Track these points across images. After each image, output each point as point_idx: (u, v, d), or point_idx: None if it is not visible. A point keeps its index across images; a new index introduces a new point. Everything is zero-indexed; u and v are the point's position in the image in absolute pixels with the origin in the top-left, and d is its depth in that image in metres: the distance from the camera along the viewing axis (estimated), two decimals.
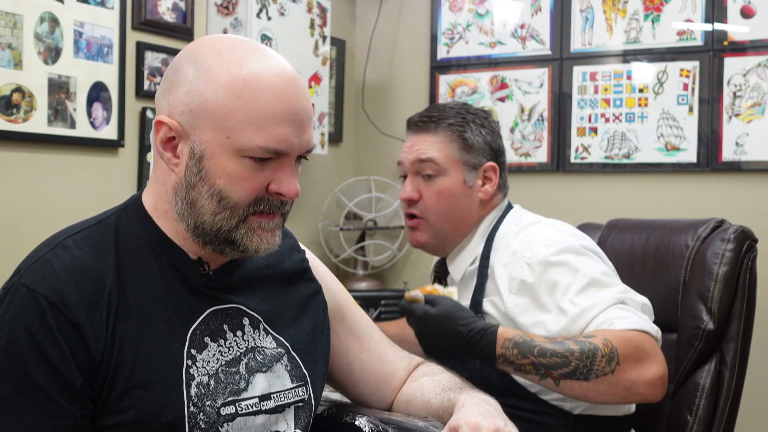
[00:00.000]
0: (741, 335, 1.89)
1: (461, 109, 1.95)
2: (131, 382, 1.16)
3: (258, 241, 1.22)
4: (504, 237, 1.87)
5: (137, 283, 1.20)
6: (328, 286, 1.47)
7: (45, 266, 1.16)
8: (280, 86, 1.18)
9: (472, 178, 1.90)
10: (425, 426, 1.35)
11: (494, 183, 1.91)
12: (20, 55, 2.22)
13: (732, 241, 1.90)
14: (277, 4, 2.86)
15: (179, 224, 1.24)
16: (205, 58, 1.20)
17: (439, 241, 1.93)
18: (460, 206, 1.90)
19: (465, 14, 3.32)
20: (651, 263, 2.01)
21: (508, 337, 1.66)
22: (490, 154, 1.92)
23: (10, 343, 1.12)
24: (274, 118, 1.17)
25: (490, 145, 1.92)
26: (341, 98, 3.48)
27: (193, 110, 1.18)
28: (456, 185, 1.89)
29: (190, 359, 1.20)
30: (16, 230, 2.22)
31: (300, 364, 1.33)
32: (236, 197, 1.19)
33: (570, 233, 1.85)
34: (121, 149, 2.52)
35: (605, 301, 1.69)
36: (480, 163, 1.90)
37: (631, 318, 1.66)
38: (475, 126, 1.92)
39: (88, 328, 1.14)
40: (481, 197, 1.91)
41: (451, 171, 1.89)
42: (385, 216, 3.36)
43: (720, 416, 1.84)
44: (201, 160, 1.19)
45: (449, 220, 1.90)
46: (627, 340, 1.62)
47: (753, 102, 2.81)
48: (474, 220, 1.92)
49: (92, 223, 1.25)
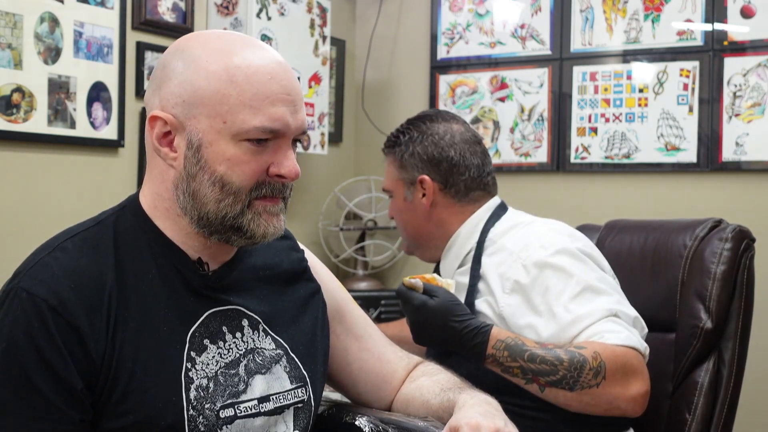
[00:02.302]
0: (739, 334, 1.89)
1: (404, 126, 2.03)
2: (131, 385, 1.15)
3: (265, 226, 1.22)
4: (496, 239, 1.87)
5: (137, 284, 1.20)
6: (327, 285, 1.46)
7: (44, 269, 1.16)
8: (270, 68, 1.19)
9: (411, 193, 1.98)
10: (425, 426, 1.35)
11: (429, 194, 1.96)
12: (20, 55, 2.22)
13: (730, 241, 1.91)
14: (277, 4, 2.86)
15: (182, 221, 1.23)
16: (193, 50, 1.21)
17: (418, 251, 2.06)
18: (410, 222, 2.00)
19: (465, 14, 3.32)
20: (649, 263, 2.01)
21: (500, 339, 1.67)
22: (423, 166, 1.96)
23: (10, 347, 1.12)
24: (269, 98, 1.18)
25: (421, 157, 1.96)
26: (341, 98, 3.48)
27: (187, 100, 1.18)
28: (399, 203, 2.01)
29: (189, 362, 1.20)
30: (16, 230, 2.22)
31: (299, 365, 1.32)
32: (238, 182, 1.19)
33: (566, 234, 1.85)
34: (121, 149, 2.52)
35: (598, 311, 1.69)
36: (414, 178, 1.97)
37: (621, 333, 1.67)
38: (409, 142, 1.98)
39: (89, 332, 1.14)
40: (425, 207, 1.97)
41: (395, 191, 2.02)
42: (385, 216, 3.36)
43: (718, 415, 1.85)
44: (199, 149, 1.18)
45: (409, 234, 2.03)
46: (616, 355, 1.64)
47: (753, 102, 2.81)
48: (432, 228, 1.98)
49: (90, 225, 1.24)
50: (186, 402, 1.18)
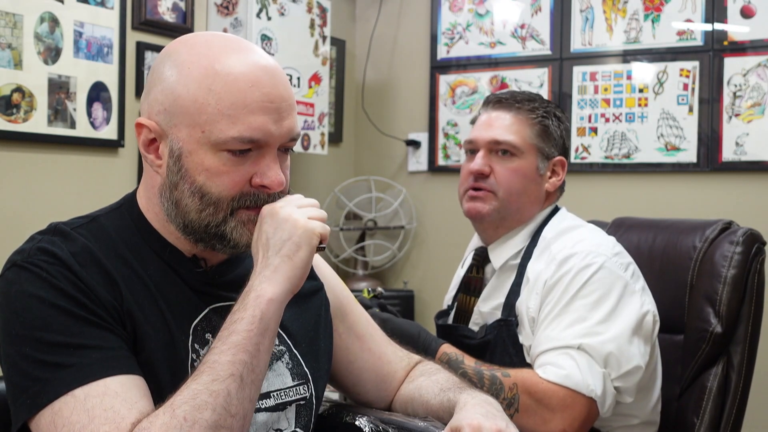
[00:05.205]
0: (748, 338, 1.88)
1: (544, 100, 1.95)
2: (143, 368, 1.15)
3: (248, 236, 1.19)
4: (547, 238, 1.84)
5: (139, 277, 1.19)
6: (330, 283, 1.46)
7: (53, 245, 1.15)
8: (252, 75, 1.16)
9: (544, 167, 1.89)
10: (425, 426, 1.35)
11: (561, 178, 1.91)
12: (20, 55, 2.22)
13: (741, 244, 1.89)
14: (277, 4, 2.86)
15: (170, 225, 1.23)
16: (179, 55, 1.18)
17: (499, 219, 1.88)
18: (530, 190, 1.87)
19: (465, 14, 3.32)
20: (658, 263, 2.00)
21: (446, 352, 1.75)
22: (562, 149, 1.92)
23: (52, 302, 1.10)
24: (247, 107, 1.15)
25: (563, 140, 1.92)
26: (341, 98, 3.48)
27: (168, 108, 1.17)
28: (530, 168, 1.87)
29: (194, 353, 1.20)
30: (16, 230, 2.22)
31: (301, 362, 1.32)
32: (217, 192, 1.17)
33: (609, 245, 1.81)
34: (121, 149, 2.52)
35: (561, 339, 1.67)
36: (552, 155, 1.89)
37: (562, 371, 1.64)
38: (555, 118, 1.91)
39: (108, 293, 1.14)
40: (547, 188, 1.90)
41: (527, 154, 1.87)
42: (385, 216, 3.36)
43: (726, 419, 1.83)
44: (180, 158, 1.17)
45: (517, 200, 1.87)
46: (533, 392, 1.64)
47: (753, 102, 2.81)
48: (535, 209, 1.90)
49: (85, 221, 1.24)
50: None
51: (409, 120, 3.48)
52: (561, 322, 1.69)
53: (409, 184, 3.46)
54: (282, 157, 1.21)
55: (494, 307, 1.86)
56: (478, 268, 1.96)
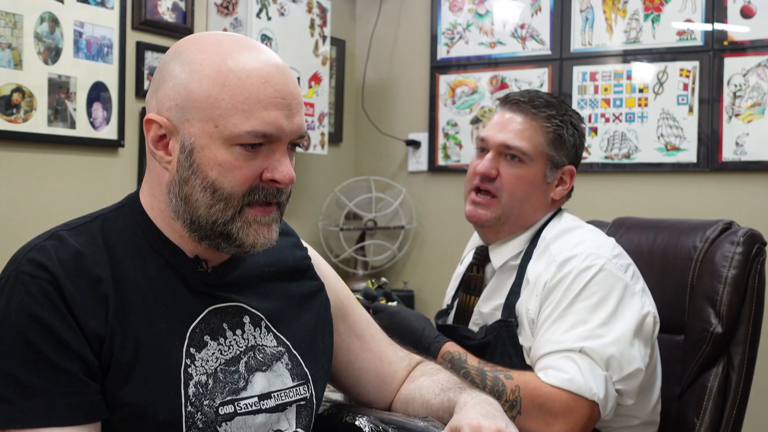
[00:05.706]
0: (749, 339, 1.87)
1: (562, 103, 1.91)
2: (129, 378, 1.15)
3: (254, 236, 1.21)
4: (546, 239, 1.84)
5: (135, 279, 1.20)
6: (331, 284, 1.46)
7: (43, 253, 1.16)
8: (265, 71, 1.18)
9: (552, 175, 1.87)
10: (425, 426, 1.35)
11: (567, 187, 1.89)
12: (20, 55, 2.22)
13: (741, 244, 1.88)
14: (277, 4, 2.86)
15: (175, 223, 1.23)
16: (189, 53, 1.20)
17: (500, 224, 1.87)
18: (534, 197, 1.86)
19: (465, 14, 3.32)
20: (658, 263, 1.99)
21: (449, 351, 1.74)
22: (573, 158, 1.89)
23: (21, 331, 1.12)
24: (261, 103, 1.17)
25: (576, 149, 1.90)
26: (341, 98, 3.48)
27: (180, 104, 1.18)
28: (537, 176, 1.85)
29: (188, 358, 1.20)
30: (16, 230, 2.22)
31: (301, 363, 1.32)
32: (229, 187, 1.18)
33: (609, 247, 1.80)
34: (121, 149, 2.52)
35: (565, 342, 1.67)
36: (562, 164, 1.87)
37: (564, 375, 1.64)
38: (571, 126, 1.88)
39: (92, 307, 1.15)
40: (552, 196, 1.88)
41: (536, 161, 1.84)
42: (385, 216, 3.36)
43: (727, 420, 1.83)
44: (192, 153, 1.18)
45: (520, 206, 1.85)
46: (535, 396, 1.63)
47: (753, 102, 2.81)
48: (539, 215, 1.88)
49: (88, 220, 1.25)
50: (184, 398, 1.18)
51: (409, 120, 3.48)
52: (562, 324, 1.69)
53: (409, 184, 3.46)
54: (289, 154, 1.23)
55: (494, 308, 1.86)
56: (479, 267, 1.96)
